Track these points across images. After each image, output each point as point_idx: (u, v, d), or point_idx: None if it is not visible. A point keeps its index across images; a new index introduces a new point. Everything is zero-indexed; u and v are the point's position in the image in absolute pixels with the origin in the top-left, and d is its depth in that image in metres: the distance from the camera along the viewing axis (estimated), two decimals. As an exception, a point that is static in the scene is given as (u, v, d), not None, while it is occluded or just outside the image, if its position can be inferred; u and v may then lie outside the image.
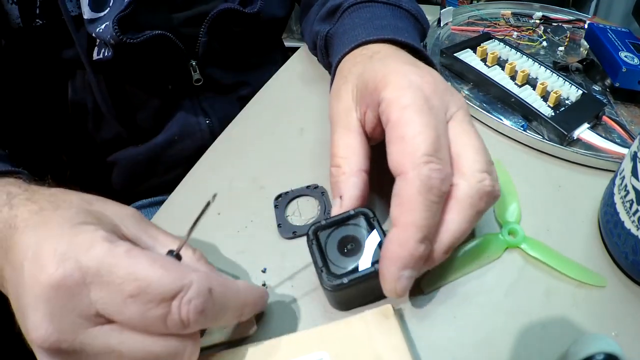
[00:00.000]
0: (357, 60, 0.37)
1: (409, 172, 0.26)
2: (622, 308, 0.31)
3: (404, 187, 0.26)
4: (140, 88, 0.51)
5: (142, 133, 0.53)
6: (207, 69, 0.53)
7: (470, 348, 0.29)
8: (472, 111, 0.48)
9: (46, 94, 0.49)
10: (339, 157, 0.32)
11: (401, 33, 0.40)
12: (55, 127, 0.52)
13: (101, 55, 0.45)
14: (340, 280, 0.28)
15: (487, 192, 0.28)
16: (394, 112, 0.28)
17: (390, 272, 0.26)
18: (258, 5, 0.51)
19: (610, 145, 0.44)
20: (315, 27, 0.50)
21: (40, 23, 0.43)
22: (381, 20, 0.42)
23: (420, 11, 0.47)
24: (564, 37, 0.62)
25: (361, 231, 0.30)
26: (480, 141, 0.30)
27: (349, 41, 0.40)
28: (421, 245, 0.26)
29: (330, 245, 0.29)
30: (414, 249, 0.26)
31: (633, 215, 0.31)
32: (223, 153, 0.45)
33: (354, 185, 0.31)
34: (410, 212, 0.26)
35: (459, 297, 0.32)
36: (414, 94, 0.29)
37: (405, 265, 0.26)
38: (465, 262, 0.33)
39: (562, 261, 0.33)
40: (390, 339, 0.27)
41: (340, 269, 0.28)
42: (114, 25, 0.42)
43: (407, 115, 0.28)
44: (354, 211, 0.30)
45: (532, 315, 0.31)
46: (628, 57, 0.49)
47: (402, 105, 0.28)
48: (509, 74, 0.51)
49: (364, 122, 0.32)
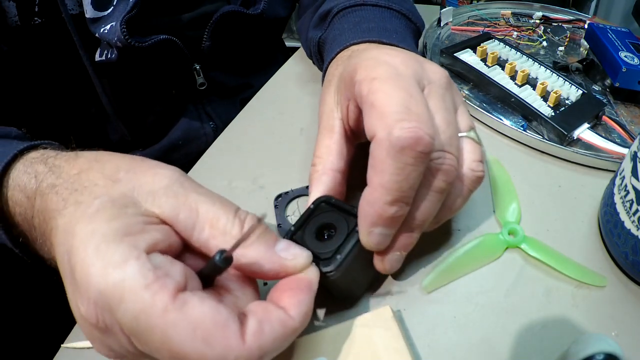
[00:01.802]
0: (338, 63, 0.38)
1: (379, 133, 0.26)
2: (622, 308, 0.31)
3: (376, 148, 0.26)
4: (144, 93, 0.50)
5: (146, 137, 0.53)
6: (210, 72, 0.53)
7: (470, 348, 0.29)
8: (472, 111, 0.48)
9: (49, 94, 0.49)
10: (316, 157, 0.33)
11: (388, 34, 0.41)
12: (58, 128, 0.52)
13: (104, 57, 0.44)
14: (335, 260, 0.27)
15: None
16: (364, 87, 0.28)
17: (362, 227, 0.27)
18: (262, 6, 0.51)
19: (610, 145, 0.44)
20: (309, 33, 0.51)
21: (39, 21, 0.43)
22: (369, 23, 0.42)
23: (413, 10, 0.47)
24: (564, 37, 0.62)
25: (330, 215, 0.30)
26: (449, 112, 0.29)
27: (337, 46, 0.41)
28: (391, 207, 0.26)
29: (310, 240, 0.29)
30: (382, 210, 0.26)
31: (633, 215, 0.31)
32: (223, 153, 0.45)
33: (323, 183, 0.32)
34: (379, 173, 0.26)
35: (459, 297, 0.32)
36: (382, 67, 0.29)
37: (374, 223, 0.27)
38: (465, 262, 0.33)
39: (562, 261, 0.33)
40: (390, 340, 0.27)
41: (329, 254, 0.28)
42: (122, 28, 0.41)
43: (375, 84, 0.27)
44: (313, 205, 0.30)
45: (532, 315, 0.31)
46: (628, 57, 0.49)
47: (370, 79, 0.28)
48: (509, 74, 0.51)
49: (347, 118, 0.32)
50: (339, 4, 0.46)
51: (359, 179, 0.35)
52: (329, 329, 0.28)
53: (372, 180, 0.26)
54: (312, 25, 0.50)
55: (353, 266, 0.28)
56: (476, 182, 0.31)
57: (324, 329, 0.28)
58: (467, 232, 0.36)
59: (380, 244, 0.28)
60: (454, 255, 0.34)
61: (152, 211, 0.24)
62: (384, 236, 0.27)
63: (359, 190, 0.27)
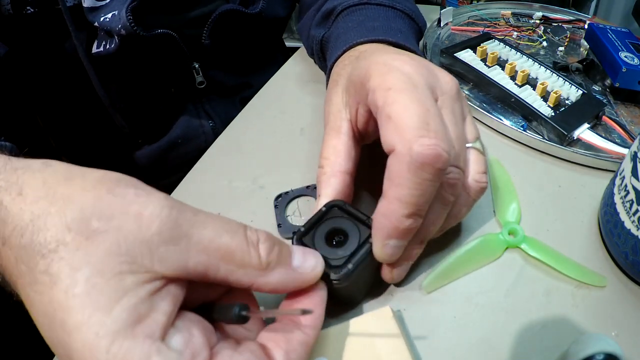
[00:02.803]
0: (345, 63, 0.38)
1: (398, 147, 0.26)
2: (622, 308, 0.31)
3: (394, 162, 0.26)
4: (141, 88, 0.50)
5: (145, 136, 0.53)
6: (210, 71, 0.53)
7: (470, 348, 0.29)
8: (472, 111, 0.48)
9: (45, 86, 0.48)
10: (323, 158, 0.33)
11: (394, 34, 0.41)
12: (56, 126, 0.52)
13: (102, 48, 0.44)
14: (345, 269, 0.27)
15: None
16: (379, 97, 0.28)
17: (376, 239, 0.28)
18: (260, 5, 0.51)
19: (610, 145, 0.44)
20: (311, 31, 0.51)
21: (32, 11, 0.42)
22: (373, 22, 0.42)
23: (415, 10, 0.48)
24: (564, 37, 0.62)
25: (341, 221, 0.30)
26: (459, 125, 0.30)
27: (341, 45, 0.41)
28: (407, 220, 0.26)
29: (319, 244, 0.29)
30: (398, 222, 0.26)
31: (633, 215, 0.31)
32: (223, 153, 0.45)
33: (331, 186, 0.32)
34: (397, 187, 0.26)
35: (459, 297, 0.32)
36: (396, 75, 0.29)
37: (389, 236, 0.27)
38: (465, 262, 0.33)
39: (562, 261, 0.33)
40: (391, 340, 0.27)
41: (339, 261, 0.28)
42: (127, 15, 0.41)
43: (391, 95, 0.28)
44: (324, 207, 0.30)
45: (532, 315, 0.31)
46: (628, 57, 0.49)
47: (385, 88, 0.28)
48: (509, 74, 0.51)
49: (356, 121, 0.33)
50: (342, 3, 0.46)
51: (362, 179, 0.35)
52: (329, 329, 0.28)
53: (389, 193, 0.26)
54: (314, 23, 0.50)
55: (360, 275, 0.28)
56: (480, 193, 0.32)
57: (324, 329, 0.28)
58: (467, 232, 0.36)
59: (393, 256, 0.28)
60: (454, 255, 0.34)
61: (154, 271, 0.20)
62: (397, 248, 0.28)
63: (362, 190, 0.27)
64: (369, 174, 0.27)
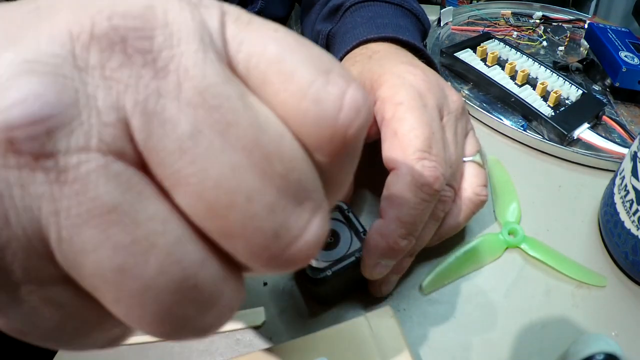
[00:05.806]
0: (356, 60, 0.37)
1: (401, 167, 0.27)
2: (622, 308, 0.31)
3: (395, 181, 0.27)
4: None
5: None
6: None
7: (470, 348, 0.29)
8: (472, 111, 0.48)
9: None
10: None
11: (403, 32, 0.41)
12: None
13: None
14: (324, 273, 0.28)
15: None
16: (387, 109, 0.29)
17: (369, 259, 0.28)
18: (258, 5, 0.50)
19: (610, 145, 0.44)
20: (317, 26, 0.50)
21: None
22: (383, 18, 0.42)
23: (421, 11, 0.48)
24: (564, 37, 0.62)
25: (337, 224, 0.30)
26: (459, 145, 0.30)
27: (350, 40, 0.40)
28: (403, 240, 0.27)
29: None
30: (394, 243, 0.26)
31: (633, 215, 0.31)
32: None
33: None
34: (397, 206, 0.26)
35: (459, 297, 0.32)
36: (408, 91, 0.29)
37: (383, 255, 0.27)
38: (465, 262, 0.33)
39: (562, 261, 0.33)
40: (391, 340, 0.27)
41: (322, 263, 0.28)
42: None
43: (400, 111, 0.28)
44: None
45: (532, 315, 0.31)
46: (628, 57, 0.49)
47: (395, 102, 0.29)
48: (509, 74, 0.51)
49: None
50: None
51: (362, 179, 0.35)
52: (329, 329, 0.28)
53: (388, 212, 0.27)
54: (320, 18, 0.50)
55: (337, 282, 0.29)
56: (480, 206, 0.32)
57: (324, 329, 0.28)
58: (467, 232, 0.36)
59: (382, 274, 0.28)
60: (454, 255, 0.34)
61: None
62: (387, 267, 0.28)
63: (362, 190, 0.27)
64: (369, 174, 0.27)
